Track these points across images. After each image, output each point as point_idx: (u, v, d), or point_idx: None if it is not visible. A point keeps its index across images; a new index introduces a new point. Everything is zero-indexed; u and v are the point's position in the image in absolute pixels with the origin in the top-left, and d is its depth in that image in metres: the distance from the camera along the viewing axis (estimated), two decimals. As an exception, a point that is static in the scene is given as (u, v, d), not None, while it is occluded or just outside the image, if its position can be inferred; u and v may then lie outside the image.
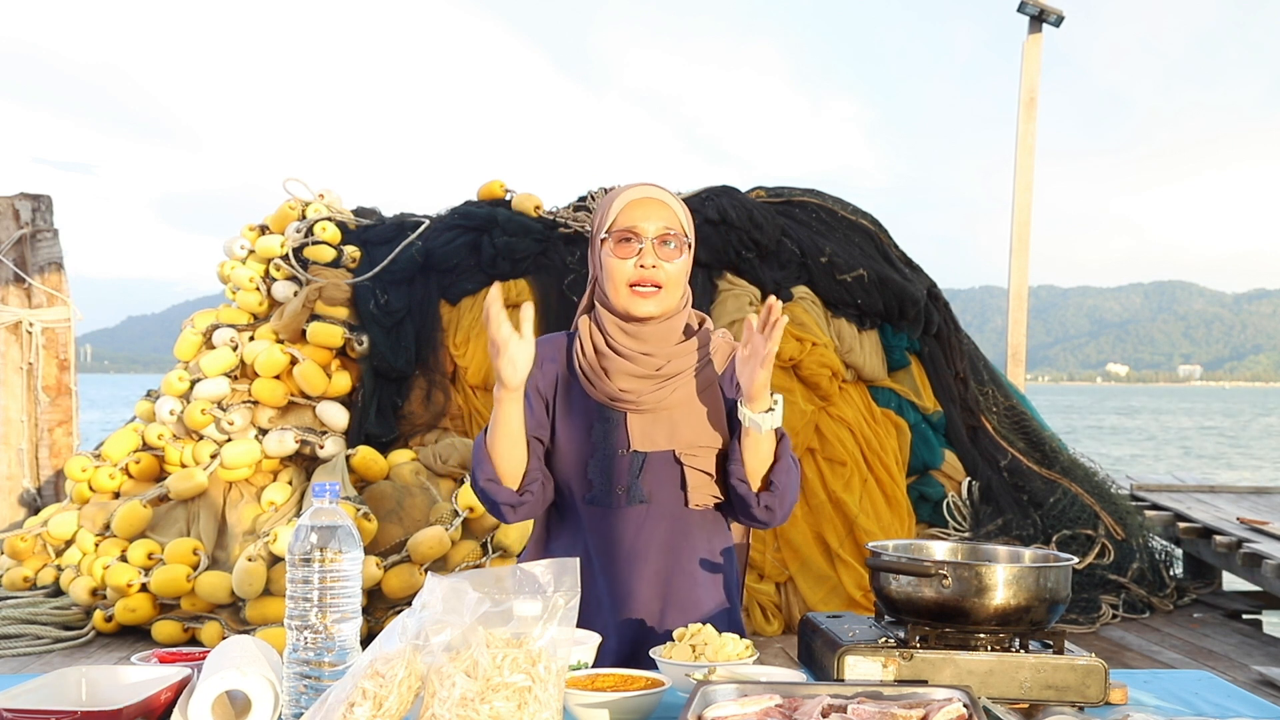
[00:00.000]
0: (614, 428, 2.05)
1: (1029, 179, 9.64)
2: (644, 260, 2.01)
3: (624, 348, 2.04)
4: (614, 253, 2.03)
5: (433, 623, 1.41)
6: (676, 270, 2.03)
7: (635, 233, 2.01)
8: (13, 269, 7.03)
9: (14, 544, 6.08)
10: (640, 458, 2.04)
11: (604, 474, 2.05)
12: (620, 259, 2.02)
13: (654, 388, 2.03)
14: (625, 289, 2.02)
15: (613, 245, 2.03)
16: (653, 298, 2.02)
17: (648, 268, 2.01)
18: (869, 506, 6.09)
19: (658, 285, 2.02)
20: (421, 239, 6.72)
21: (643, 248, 2.01)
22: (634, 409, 2.04)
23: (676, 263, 2.03)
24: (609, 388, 2.04)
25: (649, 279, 2.01)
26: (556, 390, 2.11)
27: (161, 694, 1.59)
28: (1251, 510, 7.41)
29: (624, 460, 2.05)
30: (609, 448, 2.05)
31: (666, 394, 2.04)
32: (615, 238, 2.03)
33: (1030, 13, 9.67)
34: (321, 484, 1.58)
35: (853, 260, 6.79)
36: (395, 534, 5.62)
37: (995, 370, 7.70)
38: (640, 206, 2.03)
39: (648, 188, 2.07)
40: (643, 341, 2.05)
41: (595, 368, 2.06)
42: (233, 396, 6.20)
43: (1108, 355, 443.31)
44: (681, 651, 1.83)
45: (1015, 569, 1.74)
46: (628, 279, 2.02)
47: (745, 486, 2.03)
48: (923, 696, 1.51)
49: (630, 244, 2.02)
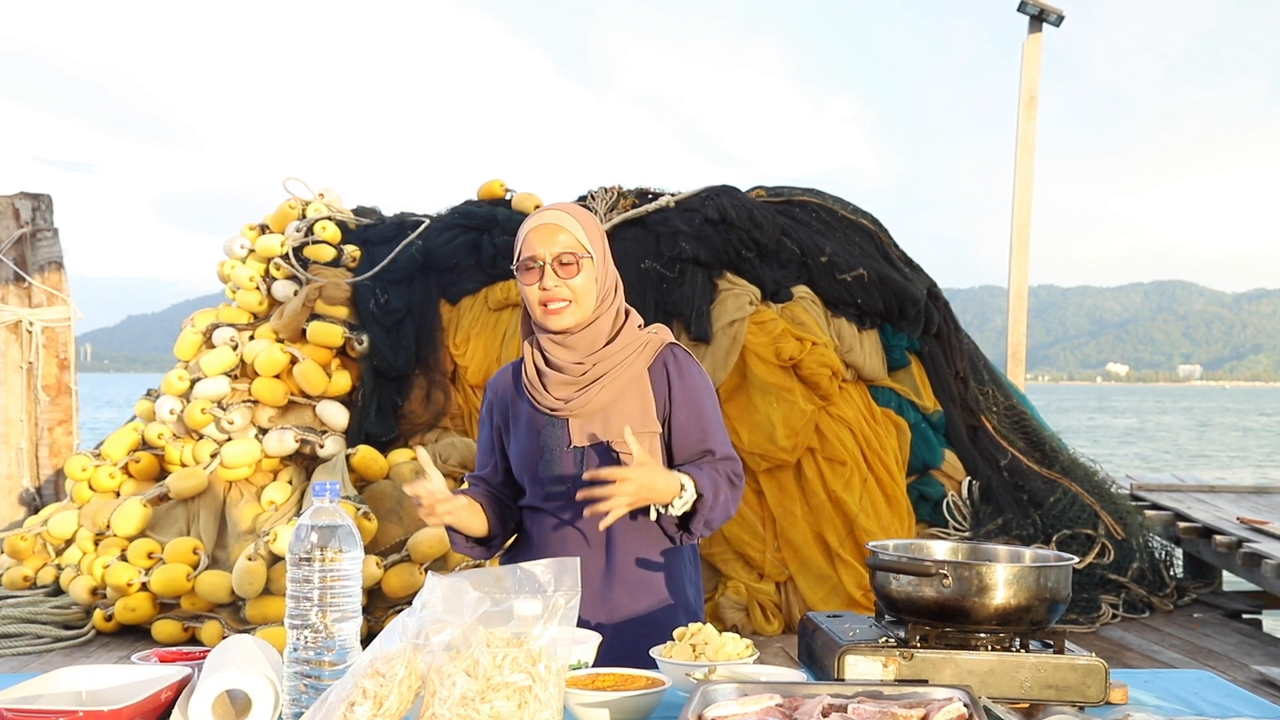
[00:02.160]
0: (558, 429, 2.28)
1: (1029, 179, 9.65)
2: (545, 283, 2.21)
3: (557, 360, 2.27)
4: (524, 280, 2.25)
5: (433, 622, 1.41)
6: (581, 284, 2.23)
7: (535, 258, 2.22)
8: (13, 268, 7.04)
9: (14, 543, 6.09)
10: (580, 452, 2.25)
11: (551, 470, 2.27)
12: (528, 285, 2.24)
13: (580, 392, 2.25)
14: (539, 308, 2.24)
15: (521, 273, 2.25)
16: (564, 311, 2.22)
17: (550, 289, 2.21)
18: (869, 506, 6.09)
19: (567, 300, 2.22)
20: (421, 238, 6.73)
21: (544, 272, 2.21)
22: (570, 413, 2.25)
23: (578, 278, 2.23)
24: (548, 399, 2.27)
25: (555, 297, 2.22)
26: (509, 416, 2.36)
27: (162, 693, 1.59)
28: (1251, 510, 7.41)
29: (568, 455, 2.26)
30: (554, 446, 2.27)
31: (593, 395, 2.24)
32: (521, 267, 2.25)
33: (1030, 12, 9.67)
34: (321, 483, 1.58)
35: (853, 260, 6.79)
36: (395, 533, 5.62)
37: (995, 370, 7.70)
38: (537, 234, 2.23)
39: (546, 213, 2.27)
40: (572, 350, 2.26)
41: (536, 384, 2.29)
42: (233, 396, 6.20)
43: (1108, 355, 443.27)
44: (681, 651, 1.83)
45: (1015, 569, 1.74)
46: (538, 300, 2.23)
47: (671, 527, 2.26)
48: (923, 696, 1.51)
49: (533, 271, 2.23)
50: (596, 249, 2.25)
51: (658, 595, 2.26)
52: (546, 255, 2.21)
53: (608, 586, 2.24)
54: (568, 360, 2.25)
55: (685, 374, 2.30)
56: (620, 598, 2.24)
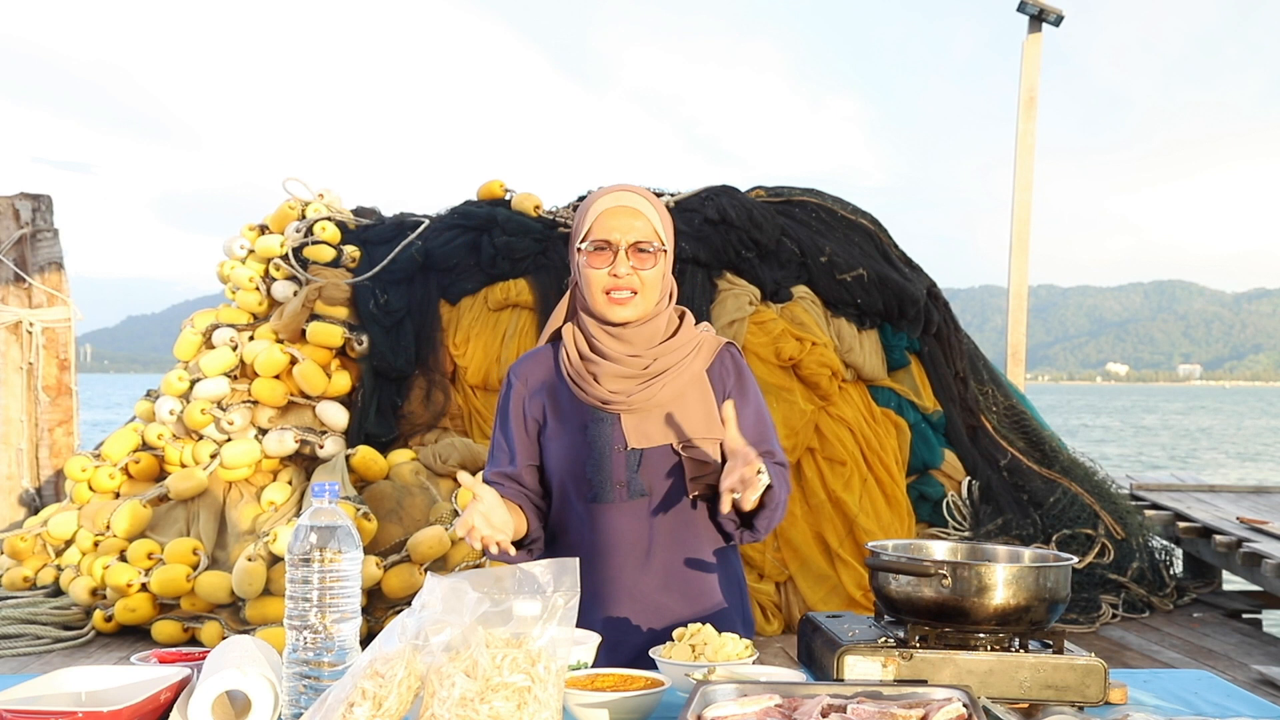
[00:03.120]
0: (608, 428, 2.09)
1: (1029, 178, 9.65)
2: (617, 269, 2.05)
3: (609, 350, 2.09)
4: (589, 262, 2.07)
5: (432, 623, 1.41)
6: (651, 276, 2.07)
7: (609, 242, 2.06)
8: (13, 269, 7.03)
9: (14, 544, 6.08)
10: (637, 454, 2.08)
11: (601, 472, 2.09)
12: (595, 269, 2.07)
13: (642, 387, 2.08)
14: (601, 296, 2.07)
15: (588, 255, 2.07)
16: (629, 303, 2.07)
17: (621, 276, 2.05)
18: (869, 506, 6.09)
19: (634, 291, 2.06)
20: (421, 239, 6.72)
21: (616, 257, 2.05)
22: (626, 409, 2.08)
23: (651, 269, 2.07)
24: (599, 391, 2.09)
25: (624, 286, 2.06)
26: (546, 406, 2.16)
27: (161, 694, 1.59)
28: (1251, 510, 7.41)
29: (620, 456, 2.08)
30: (604, 447, 2.09)
31: (655, 391, 2.08)
32: (591, 247, 2.07)
33: (1030, 12, 9.67)
34: (321, 484, 1.58)
35: (852, 260, 6.79)
36: (395, 534, 5.62)
37: (995, 370, 7.70)
38: (614, 216, 2.07)
39: (622, 194, 2.10)
40: (626, 343, 2.10)
41: (583, 373, 2.10)
42: (232, 396, 6.20)
43: (1107, 355, 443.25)
44: (681, 651, 1.83)
45: (1015, 569, 1.73)
46: (603, 286, 2.06)
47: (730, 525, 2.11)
48: (922, 696, 1.51)
49: (604, 253, 2.06)
50: (669, 244, 2.12)
51: (711, 599, 2.15)
52: (623, 241, 2.05)
53: (659, 591, 2.11)
54: (621, 352, 2.09)
55: (744, 376, 2.21)
56: (671, 602, 2.12)
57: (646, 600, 2.11)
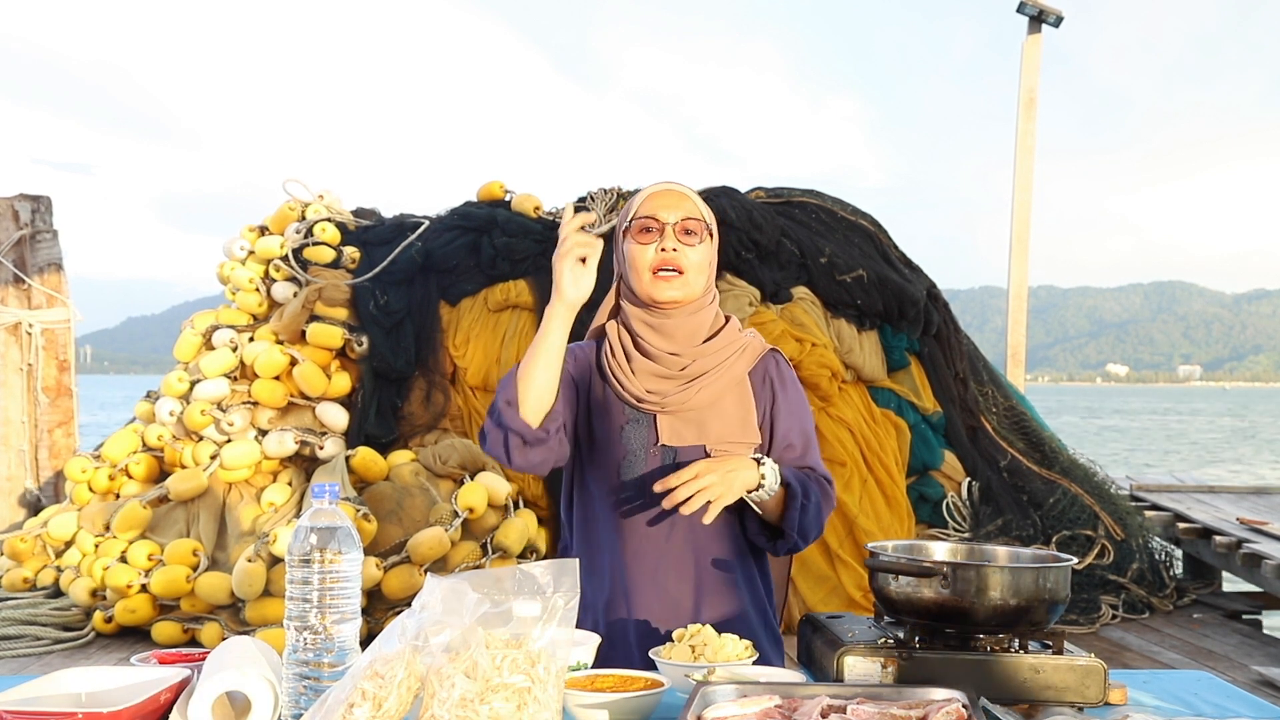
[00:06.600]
0: (644, 426, 2.11)
1: (1028, 179, 9.65)
2: (665, 244, 2.07)
3: (651, 347, 2.10)
4: (636, 240, 2.10)
5: (432, 623, 1.41)
6: (698, 257, 2.09)
7: (656, 220, 2.09)
8: (12, 270, 7.04)
9: (14, 545, 6.08)
10: (671, 452, 2.09)
11: (635, 470, 2.10)
12: (641, 245, 2.09)
13: (679, 388, 2.09)
14: (648, 274, 2.08)
15: (635, 234, 2.10)
16: (675, 281, 2.07)
17: (669, 251, 2.07)
18: (869, 507, 6.09)
19: (679, 270, 2.07)
20: (421, 239, 6.72)
21: (664, 234, 2.08)
22: (661, 409, 2.09)
23: (698, 248, 2.09)
24: (636, 388, 2.10)
25: (671, 263, 2.07)
26: (590, 392, 2.17)
27: (161, 695, 1.59)
28: (1251, 510, 7.41)
29: (654, 455, 2.09)
30: (639, 445, 2.10)
31: (692, 394, 2.08)
32: (637, 227, 2.10)
33: (1030, 13, 9.68)
34: (321, 485, 1.58)
35: (852, 260, 6.79)
36: (395, 535, 5.62)
37: (995, 370, 7.70)
38: (661, 197, 2.12)
39: (669, 183, 2.16)
40: (669, 339, 2.10)
41: (624, 368, 2.11)
42: (232, 397, 6.20)
43: (1107, 355, 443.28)
44: (681, 652, 1.83)
45: (1015, 569, 1.73)
46: (650, 264, 2.08)
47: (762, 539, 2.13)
48: (922, 697, 1.51)
49: (651, 231, 2.09)
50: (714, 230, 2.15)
51: (741, 602, 2.14)
52: (670, 219, 2.08)
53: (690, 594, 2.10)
54: (662, 349, 2.09)
55: (788, 384, 2.19)
56: (703, 607, 2.11)
57: (671, 601, 2.11)
